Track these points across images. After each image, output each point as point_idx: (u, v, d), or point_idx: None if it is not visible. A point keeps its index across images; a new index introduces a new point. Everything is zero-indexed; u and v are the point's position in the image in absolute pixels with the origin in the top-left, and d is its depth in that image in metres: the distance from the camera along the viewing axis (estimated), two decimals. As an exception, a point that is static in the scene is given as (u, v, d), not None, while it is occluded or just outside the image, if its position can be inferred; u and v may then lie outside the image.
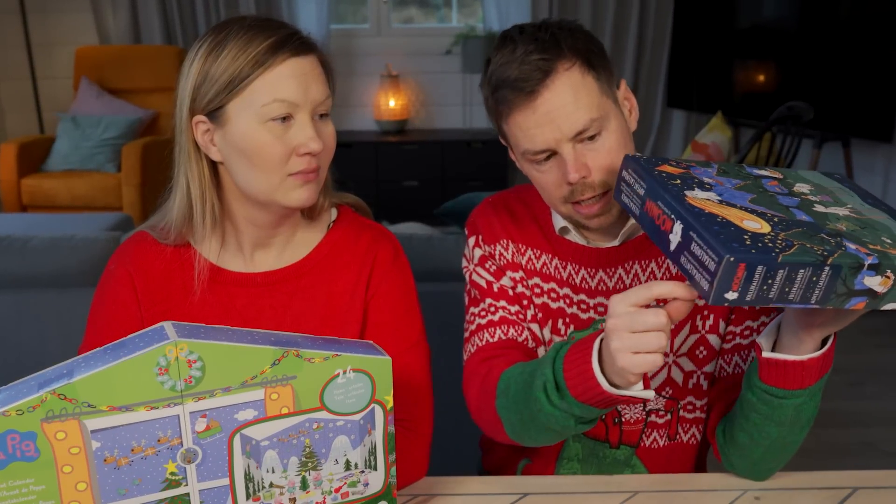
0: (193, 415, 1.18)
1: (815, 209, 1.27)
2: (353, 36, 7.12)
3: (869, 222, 1.25)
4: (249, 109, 1.43)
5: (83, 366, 1.14)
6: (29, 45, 6.76)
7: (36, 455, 1.12)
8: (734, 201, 1.24)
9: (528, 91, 1.43)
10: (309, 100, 1.45)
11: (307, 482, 1.28)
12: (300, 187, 1.47)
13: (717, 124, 5.35)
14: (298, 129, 1.44)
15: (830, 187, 1.39)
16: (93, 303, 1.62)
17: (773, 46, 6.22)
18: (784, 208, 1.25)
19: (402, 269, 1.66)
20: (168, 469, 1.19)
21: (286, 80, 1.43)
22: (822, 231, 1.18)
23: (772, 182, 1.36)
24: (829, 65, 5.78)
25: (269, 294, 1.59)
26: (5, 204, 5.90)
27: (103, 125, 6.09)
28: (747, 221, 1.17)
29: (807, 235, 1.16)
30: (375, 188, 6.75)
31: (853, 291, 1.14)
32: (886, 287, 1.14)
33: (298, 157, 1.45)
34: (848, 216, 1.26)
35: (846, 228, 1.21)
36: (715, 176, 1.33)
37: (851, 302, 1.15)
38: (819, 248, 1.12)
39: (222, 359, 1.16)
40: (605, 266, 1.61)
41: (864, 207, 1.32)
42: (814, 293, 1.13)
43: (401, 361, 1.57)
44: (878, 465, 3.48)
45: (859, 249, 1.13)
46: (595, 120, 1.44)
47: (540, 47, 1.43)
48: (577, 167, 1.45)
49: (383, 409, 1.29)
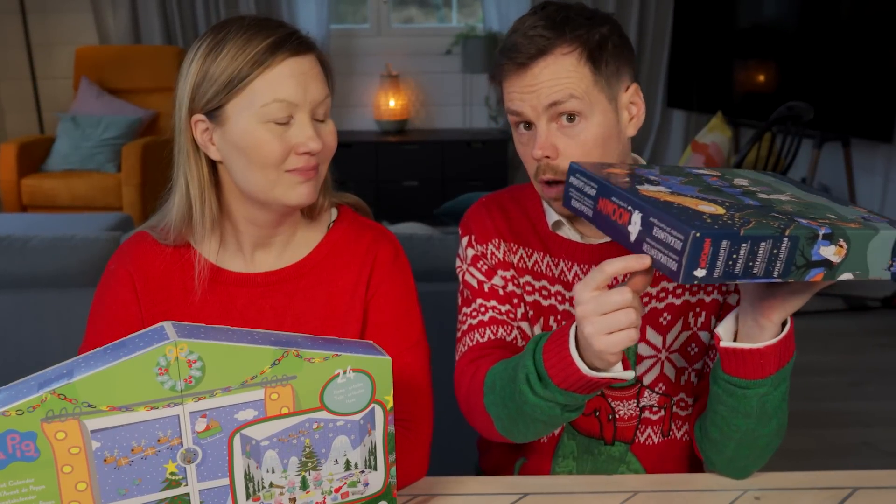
0: (193, 415, 1.18)
1: (760, 196, 1.31)
2: (352, 36, 7.12)
3: (811, 204, 1.30)
4: (249, 109, 1.43)
5: (83, 366, 1.14)
6: (29, 45, 6.76)
7: (36, 455, 1.12)
8: (684, 192, 1.27)
9: (520, 62, 1.48)
10: (308, 99, 1.45)
11: (307, 482, 1.28)
12: (299, 184, 1.47)
13: (717, 124, 5.35)
14: (298, 129, 1.44)
15: (767, 181, 1.44)
16: (93, 303, 1.62)
17: (773, 46, 6.22)
18: (731, 196, 1.29)
19: (402, 269, 1.66)
20: (168, 469, 1.19)
21: (285, 80, 1.43)
22: (773, 211, 1.23)
23: (713, 178, 1.40)
24: (829, 65, 5.78)
25: (269, 294, 1.59)
26: (5, 204, 5.90)
27: (103, 125, 6.09)
28: (702, 206, 1.20)
29: (760, 214, 1.20)
30: (375, 188, 6.75)
31: (811, 262, 1.18)
32: (840, 256, 1.19)
33: (297, 156, 1.45)
34: (790, 200, 1.31)
35: (792, 209, 1.25)
36: (659, 174, 1.37)
37: (811, 273, 1.19)
38: (775, 223, 1.16)
39: (222, 359, 1.16)
40: (597, 262, 1.61)
41: (803, 194, 1.38)
42: (776, 266, 1.16)
43: (401, 361, 1.57)
44: (879, 465, 3.49)
45: (811, 223, 1.18)
46: (574, 98, 1.47)
47: (547, 25, 1.47)
48: (544, 146, 1.49)
49: (383, 409, 1.29)
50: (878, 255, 1.22)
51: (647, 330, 1.61)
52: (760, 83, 6.38)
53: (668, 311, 1.61)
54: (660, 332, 1.61)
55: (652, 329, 1.61)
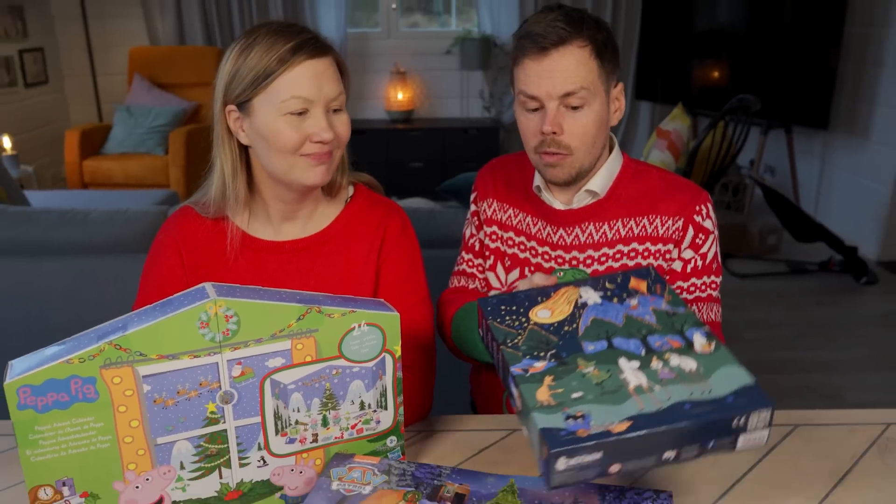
0: (230, 362, 1.17)
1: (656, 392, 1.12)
2: (366, 38, 7.08)
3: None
4: (271, 104, 1.43)
5: (136, 320, 1.14)
6: (90, 46, 6.73)
7: (95, 397, 1.12)
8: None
9: (542, 46, 1.48)
10: (322, 96, 1.44)
11: (327, 420, 1.28)
12: (314, 167, 1.47)
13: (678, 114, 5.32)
14: (313, 121, 1.44)
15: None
16: (144, 267, 1.62)
17: (725, 47, 6.22)
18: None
19: (409, 237, 1.65)
20: (208, 409, 1.19)
21: (303, 80, 1.42)
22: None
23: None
24: (774, 63, 5.79)
25: (295, 259, 1.59)
26: (69, 182, 5.89)
27: (153, 115, 6.07)
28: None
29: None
30: (385, 169, 6.73)
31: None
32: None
33: (311, 143, 1.45)
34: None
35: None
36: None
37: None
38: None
39: (255, 314, 1.16)
40: (564, 225, 1.64)
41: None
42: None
43: (408, 317, 1.56)
44: (817, 405, 3.51)
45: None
46: (584, 90, 1.49)
47: (566, 20, 1.48)
48: (553, 123, 1.51)
49: (392, 358, 1.28)
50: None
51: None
52: (715, 78, 6.36)
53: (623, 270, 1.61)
54: None
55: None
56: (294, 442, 1.27)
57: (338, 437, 1.30)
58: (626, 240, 1.60)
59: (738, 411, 1.03)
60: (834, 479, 1.38)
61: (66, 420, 1.11)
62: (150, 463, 1.18)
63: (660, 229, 1.59)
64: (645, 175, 1.64)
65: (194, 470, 1.22)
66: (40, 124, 6.47)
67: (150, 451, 1.18)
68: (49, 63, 6.64)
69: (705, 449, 1.04)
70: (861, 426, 1.56)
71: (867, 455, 1.46)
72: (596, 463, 1.01)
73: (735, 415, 1.03)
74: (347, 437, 1.31)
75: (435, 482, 1.24)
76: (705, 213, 1.59)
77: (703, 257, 1.58)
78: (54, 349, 1.13)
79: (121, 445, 1.16)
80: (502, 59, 6.91)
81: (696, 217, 1.58)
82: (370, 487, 1.21)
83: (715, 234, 1.61)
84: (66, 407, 1.10)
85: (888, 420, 1.58)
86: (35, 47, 6.42)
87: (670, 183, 1.62)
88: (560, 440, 1.01)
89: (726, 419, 1.03)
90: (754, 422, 1.04)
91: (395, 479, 1.23)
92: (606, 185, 1.62)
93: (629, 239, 1.60)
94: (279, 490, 1.29)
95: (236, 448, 1.23)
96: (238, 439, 1.23)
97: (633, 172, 1.64)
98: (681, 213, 1.58)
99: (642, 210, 1.60)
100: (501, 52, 6.89)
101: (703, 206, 1.59)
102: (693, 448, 1.04)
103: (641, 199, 1.61)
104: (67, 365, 1.09)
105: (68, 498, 1.15)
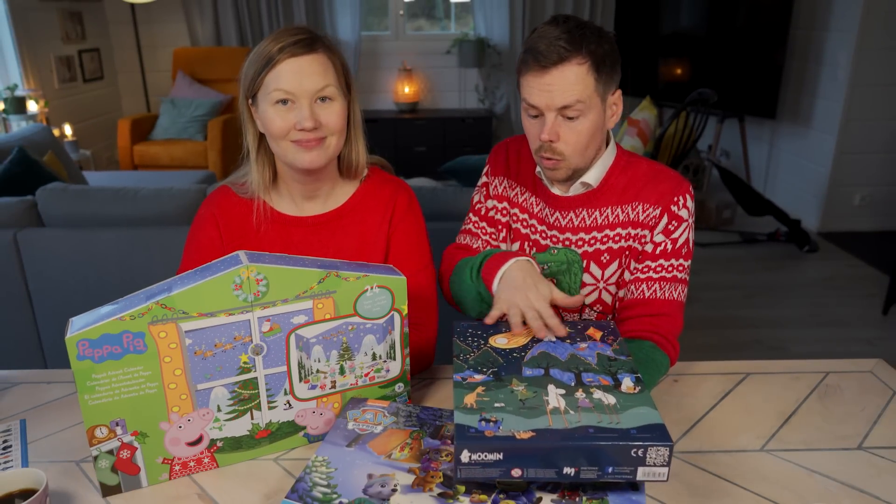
0: (260, 319, 1.17)
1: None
2: (377, 40, 7.03)
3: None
4: (264, 96, 1.43)
5: (179, 283, 1.13)
6: (139, 46, 6.68)
7: (144, 349, 1.11)
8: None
9: (543, 65, 1.42)
10: (304, 89, 1.41)
11: (344, 369, 1.27)
12: (303, 152, 1.45)
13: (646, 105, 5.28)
14: (296, 111, 1.42)
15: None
16: (187, 237, 1.61)
17: (687, 47, 6.19)
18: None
19: (415, 212, 1.64)
20: (241, 359, 1.18)
21: (285, 75, 1.41)
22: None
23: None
24: (729, 61, 5.77)
25: (316, 232, 1.58)
26: (122, 164, 5.89)
27: (194, 106, 6.04)
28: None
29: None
30: (395, 152, 6.72)
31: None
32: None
33: (296, 131, 1.43)
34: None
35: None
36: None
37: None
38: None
39: (282, 278, 1.16)
40: (561, 209, 1.60)
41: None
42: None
43: (414, 280, 1.56)
44: (765, 356, 3.52)
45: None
46: (580, 103, 1.43)
47: (567, 39, 1.41)
48: (550, 132, 1.46)
49: (400, 316, 1.28)
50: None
51: (591, 265, 1.59)
52: (678, 74, 6.33)
53: (608, 252, 1.58)
54: (600, 267, 1.59)
55: (595, 265, 1.59)
56: (315, 388, 1.27)
57: (353, 384, 1.30)
58: (612, 225, 1.57)
59: (638, 442, 0.99)
60: (781, 419, 1.38)
61: (119, 369, 1.11)
62: (192, 406, 1.18)
63: (640, 216, 1.55)
64: (634, 167, 1.59)
65: (229, 412, 1.22)
66: (97, 114, 6.44)
67: (192, 395, 1.17)
68: (104, 61, 6.60)
69: (605, 473, 1.00)
70: (804, 374, 1.56)
71: (809, 399, 1.46)
72: (497, 462, 1.00)
73: (634, 445, 0.99)
74: (361, 384, 1.30)
75: (437, 423, 1.24)
76: (682, 204, 1.54)
77: (673, 242, 1.54)
78: (109, 308, 1.13)
79: (166, 391, 1.16)
80: (495, 58, 6.86)
81: (673, 207, 1.53)
82: (381, 427, 1.21)
83: (689, 222, 1.56)
84: (119, 358, 1.10)
85: (827, 369, 1.57)
86: (92, 48, 6.38)
87: (656, 174, 1.57)
88: (467, 436, 1.01)
89: (625, 447, 0.99)
90: (653, 456, 0.99)
91: (403, 420, 1.24)
92: (599, 177, 1.58)
93: (614, 224, 1.57)
94: (303, 429, 1.29)
95: (265, 393, 1.23)
96: (267, 386, 1.23)
97: (624, 164, 1.59)
98: (660, 203, 1.54)
99: (628, 198, 1.56)
100: (494, 52, 6.84)
101: (681, 197, 1.54)
102: (592, 470, 1.00)
103: (628, 189, 1.57)
104: (120, 321, 1.09)
105: (121, 436, 1.16)
